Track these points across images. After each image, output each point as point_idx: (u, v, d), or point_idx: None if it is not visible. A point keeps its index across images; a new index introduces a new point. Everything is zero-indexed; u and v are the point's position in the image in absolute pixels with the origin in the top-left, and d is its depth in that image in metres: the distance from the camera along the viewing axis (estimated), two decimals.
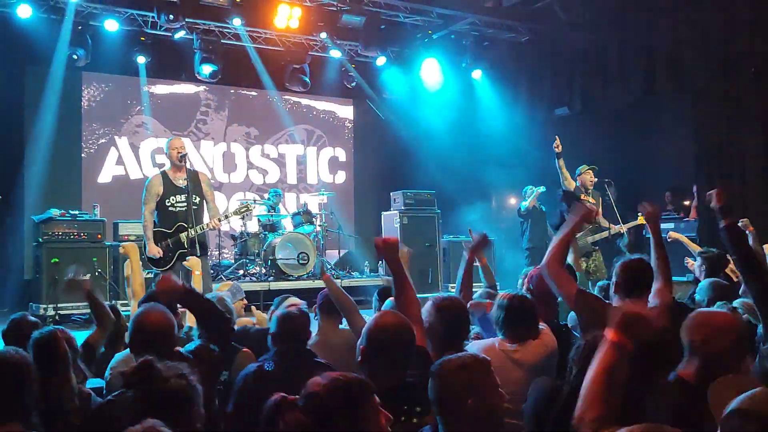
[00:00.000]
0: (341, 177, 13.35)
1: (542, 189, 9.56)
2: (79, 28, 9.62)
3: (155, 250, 6.18)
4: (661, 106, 10.11)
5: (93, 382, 3.43)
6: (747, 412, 1.82)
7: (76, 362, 2.99)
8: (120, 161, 11.37)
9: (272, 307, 4.20)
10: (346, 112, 13.45)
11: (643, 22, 9.86)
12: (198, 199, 6.33)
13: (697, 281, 5.47)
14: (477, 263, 4.55)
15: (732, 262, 5.79)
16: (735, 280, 5.48)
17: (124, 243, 5.57)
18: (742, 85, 8.86)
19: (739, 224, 5.95)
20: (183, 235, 6.18)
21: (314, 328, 3.75)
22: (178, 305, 3.67)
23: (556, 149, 8.13)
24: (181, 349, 3.00)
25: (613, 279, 3.68)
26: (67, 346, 2.87)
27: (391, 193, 11.05)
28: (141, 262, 6.28)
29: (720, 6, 8.85)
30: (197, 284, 4.97)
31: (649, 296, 3.58)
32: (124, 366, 3.04)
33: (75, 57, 9.76)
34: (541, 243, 9.16)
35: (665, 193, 10.50)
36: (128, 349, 3.36)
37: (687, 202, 10.21)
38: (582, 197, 8.30)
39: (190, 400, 2.11)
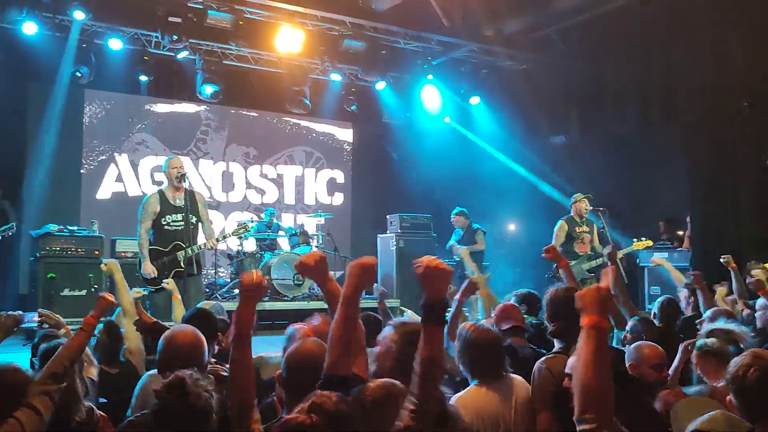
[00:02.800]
0: (339, 199, 13.42)
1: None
2: (84, 46, 9.74)
3: (150, 269, 6.22)
4: (656, 137, 10.22)
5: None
6: None
7: (81, 374, 3.05)
8: (119, 178, 11.44)
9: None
10: (345, 134, 13.56)
11: (639, 55, 10.01)
12: (195, 219, 6.40)
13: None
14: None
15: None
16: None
17: (106, 260, 5.39)
18: (735, 119, 8.97)
19: (722, 260, 6.02)
20: (180, 254, 6.23)
21: None
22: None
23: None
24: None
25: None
26: None
27: (388, 216, 11.11)
28: (136, 279, 6.36)
29: (714, 41, 8.99)
30: (177, 308, 4.90)
31: None
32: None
33: (78, 74, 9.86)
34: None
35: (659, 222, 10.58)
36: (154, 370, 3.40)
37: (681, 232, 10.30)
38: (577, 230, 8.38)
39: (212, 414, 2.22)
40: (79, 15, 9.07)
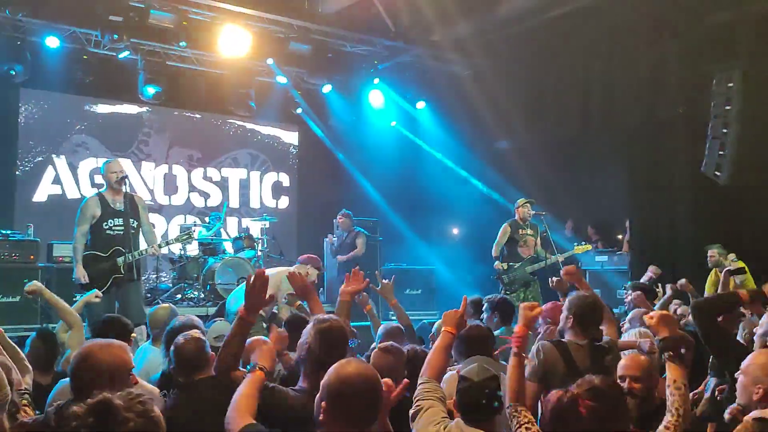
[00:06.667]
0: (284, 202, 13.31)
1: None
2: (18, 43, 9.44)
3: (81, 273, 6.08)
4: (596, 142, 10.42)
5: None
6: None
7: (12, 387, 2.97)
8: (57, 180, 11.08)
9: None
10: (290, 137, 13.45)
11: (579, 61, 10.22)
12: (135, 223, 6.27)
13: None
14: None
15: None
16: None
17: (27, 286, 5.02)
18: (671, 125, 9.24)
19: (678, 285, 6.08)
20: (120, 260, 6.09)
21: None
22: None
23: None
24: None
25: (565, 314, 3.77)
26: None
27: (334, 220, 11.08)
28: (71, 285, 6.18)
29: (651, 50, 9.26)
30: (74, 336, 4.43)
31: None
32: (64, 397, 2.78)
33: (12, 72, 9.54)
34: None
35: (587, 227, 10.79)
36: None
37: (620, 237, 10.54)
38: (520, 232, 8.55)
39: None
40: (12, 11, 8.80)
